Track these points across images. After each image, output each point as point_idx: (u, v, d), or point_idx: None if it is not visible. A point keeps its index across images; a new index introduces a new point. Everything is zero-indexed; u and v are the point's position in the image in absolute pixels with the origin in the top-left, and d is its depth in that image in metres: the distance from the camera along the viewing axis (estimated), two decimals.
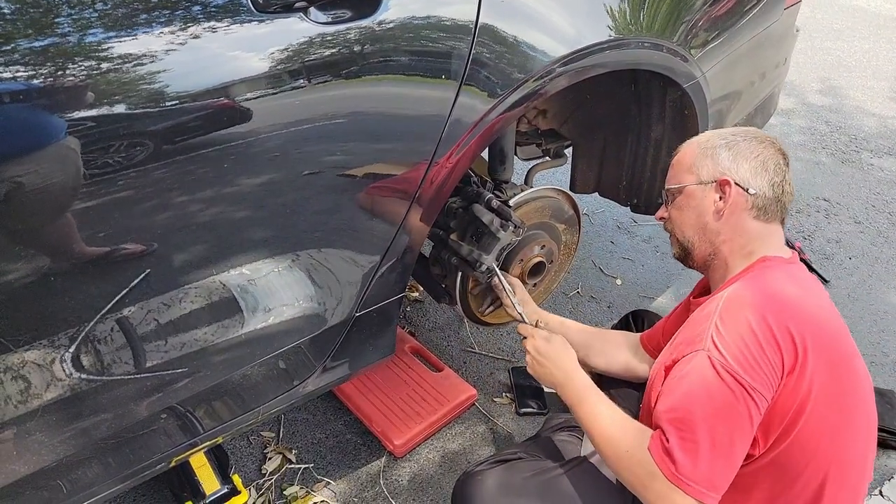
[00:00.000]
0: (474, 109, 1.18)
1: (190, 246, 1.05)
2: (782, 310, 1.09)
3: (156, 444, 1.19)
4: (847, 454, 1.15)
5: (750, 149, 1.24)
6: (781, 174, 1.23)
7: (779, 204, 1.24)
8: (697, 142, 1.30)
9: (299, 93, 1.02)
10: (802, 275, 1.22)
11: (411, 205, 1.20)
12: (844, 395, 1.13)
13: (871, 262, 2.72)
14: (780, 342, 1.06)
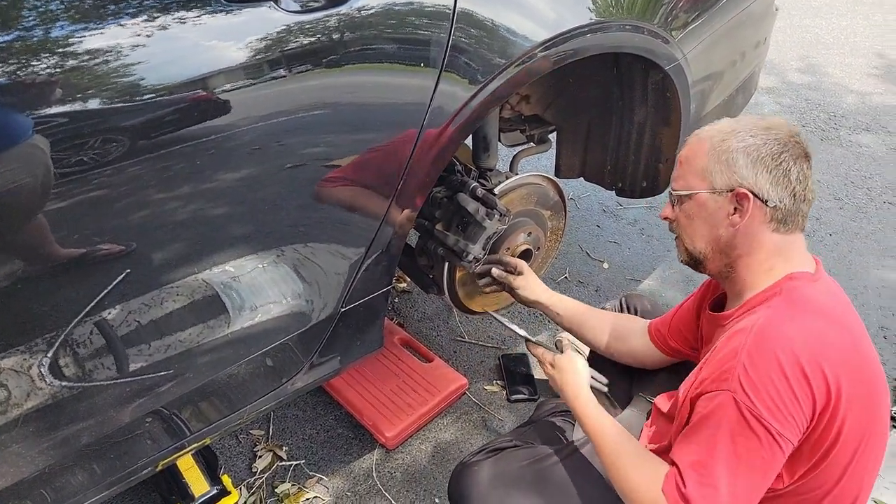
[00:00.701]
0: (455, 97, 1.16)
1: (170, 244, 1.02)
2: (816, 349, 1.00)
3: (141, 449, 1.17)
4: (866, 473, 1.12)
5: (771, 154, 1.08)
6: (805, 181, 1.09)
7: (801, 213, 1.11)
8: (710, 139, 1.13)
9: (277, 83, 1.00)
10: (829, 291, 1.11)
11: (394, 196, 1.18)
12: (872, 423, 1.07)
13: (851, 238, 2.75)
14: (813, 386, 0.98)
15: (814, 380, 0.98)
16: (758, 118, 1.13)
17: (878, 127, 3.65)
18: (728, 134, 1.11)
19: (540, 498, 1.36)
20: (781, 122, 1.12)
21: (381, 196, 1.19)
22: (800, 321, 1.03)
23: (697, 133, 1.17)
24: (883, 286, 2.48)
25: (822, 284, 1.11)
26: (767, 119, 1.13)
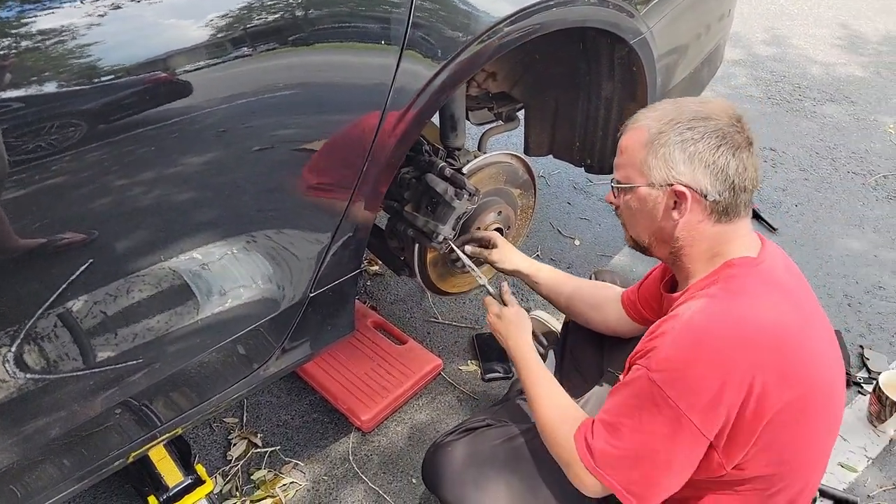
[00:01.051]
0: (418, 75, 1.14)
1: (134, 232, 1.00)
2: (741, 341, 1.01)
3: (111, 441, 1.15)
4: (813, 458, 1.15)
5: (709, 148, 1.06)
6: (744, 172, 1.08)
7: (742, 202, 1.11)
8: (648, 129, 1.11)
9: (240, 63, 0.97)
10: (771, 273, 1.11)
11: (359, 178, 1.16)
12: (814, 404, 1.08)
13: (816, 208, 2.80)
14: (734, 377, 1.00)
15: (735, 371, 1.00)
16: (699, 103, 1.11)
17: (842, 97, 3.70)
18: (666, 125, 1.09)
19: (514, 475, 1.37)
20: (722, 109, 1.10)
21: (346, 178, 1.17)
22: (730, 312, 1.04)
23: (637, 119, 1.15)
24: (847, 255, 2.53)
25: (765, 267, 1.10)
26: (709, 105, 1.11)
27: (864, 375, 2.00)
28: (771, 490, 1.12)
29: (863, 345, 2.11)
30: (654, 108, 1.14)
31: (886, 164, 3.10)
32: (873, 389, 1.83)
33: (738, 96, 3.67)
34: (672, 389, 1.01)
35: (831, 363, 1.13)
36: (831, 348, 1.14)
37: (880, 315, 2.25)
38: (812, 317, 1.12)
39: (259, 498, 1.61)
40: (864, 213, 2.78)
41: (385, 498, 1.64)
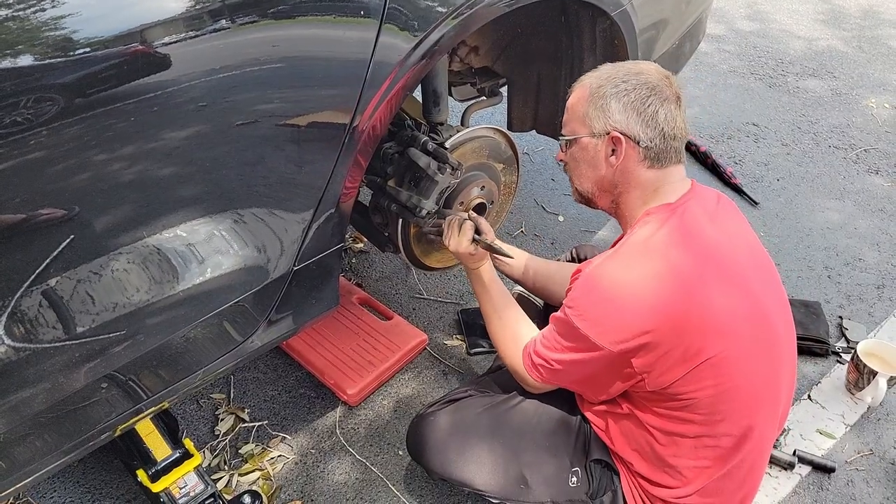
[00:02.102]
0: (397, 48, 1.13)
1: (114, 207, 0.99)
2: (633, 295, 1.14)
3: (97, 414, 1.16)
4: (752, 398, 1.21)
5: (640, 98, 1.20)
6: (673, 121, 1.21)
7: (672, 149, 1.23)
8: (589, 86, 1.25)
9: (220, 36, 0.96)
10: (682, 223, 1.19)
11: (341, 152, 1.16)
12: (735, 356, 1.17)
13: (797, 182, 2.83)
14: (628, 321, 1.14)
15: (630, 307, 1.13)
16: (634, 63, 1.27)
17: (823, 72, 3.72)
18: (605, 80, 1.23)
19: (496, 441, 1.40)
20: (654, 68, 1.25)
21: (328, 153, 1.17)
22: (624, 257, 1.19)
23: (582, 79, 1.29)
24: (827, 228, 2.57)
25: (680, 213, 1.20)
26: (642, 64, 1.26)
27: (843, 345, 2.04)
28: (713, 419, 1.19)
29: (842, 315, 2.15)
30: (596, 69, 1.28)
31: (867, 139, 3.13)
32: (851, 358, 1.87)
33: (720, 72, 3.68)
34: (580, 321, 1.18)
35: (753, 301, 1.20)
36: (754, 298, 1.21)
37: (859, 286, 2.29)
38: (729, 265, 1.19)
39: (247, 471, 1.63)
40: (845, 186, 2.81)
41: (372, 469, 1.67)
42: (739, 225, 1.30)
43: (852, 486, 1.66)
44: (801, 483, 1.66)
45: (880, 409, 1.85)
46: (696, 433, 1.21)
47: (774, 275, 1.31)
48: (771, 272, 1.31)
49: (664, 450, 1.25)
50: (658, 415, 1.23)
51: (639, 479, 1.31)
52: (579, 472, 1.36)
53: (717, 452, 1.22)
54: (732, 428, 1.21)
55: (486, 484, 1.38)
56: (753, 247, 1.29)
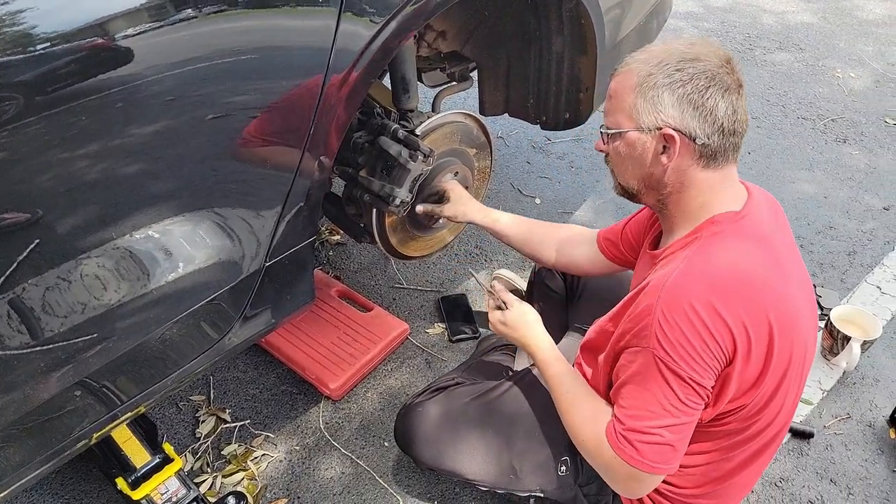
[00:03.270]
0: (358, 35, 1.11)
1: (80, 207, 0.96)
2: (729, 296, 1.02)
3: (71, 423, 1.13)
4: (790, 391, 1.17)
5: (697, 90, 1.04)
6: (734, 114, 1.06)
7: (731, 146, 1.09)
8: (637, 73, 1.08)
9: (182, 27, 0.93)
10: (752, 231, 1.09)
11: (306, 144, 1.14)
12: (796, 350, 1.10)
13: (768, 155, 2.85)
14: (725, 334, 1.01)
15: (726, 329, 1.01)
16: (688, 44, 1.08)
17: (791, 44, 3.75)
18: (655, 67, 1.07)
19: (487, 430, 1.40)
20: (712, 50, 1.07)
21: (293, 145, 1.14)
22: (716, 268, 1.04)
23: (627, 62, 1.12)
24: (798, 198, 2.59)
25: (748, 221, 1.09)
26: (698, 45, 1.08)
27: (818, 313, 2.07)
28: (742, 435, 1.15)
29: (815, 284, 2.18)
30: (643, 50, 1.12)
31: (834, 108, 3.17)
32: (825, 325, 1.89)
33: None
34: (681, 360, 1.02)
35: (808, 320, 1.14)
36: (808, 304, 1.15)
37: (831, 254, 2.32)
38: (791, 272, 1.11)
39: (231, 472, 1.61)
40: (814, 156, 2.84)
41: (358, 462, 1.66)
42: (787, 226, 1.22)
43: (831, 451, 1.69)
44: (781, 450, 1.69)
45: (855, 374, 1.88)
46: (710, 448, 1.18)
47: (806, 272, 1.24)
48: (805, 272, 1.22)
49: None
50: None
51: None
52: (568, 461, 1.36)
53: (724, 467, 1.21)
54: (749, 443, 1.18)
55: (477, 473, 1.38)
56: (796, 250, 1.22)
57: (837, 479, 1.63)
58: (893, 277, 2.22)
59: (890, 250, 2.34)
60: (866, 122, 3.06)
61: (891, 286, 2.18)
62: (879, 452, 1.69)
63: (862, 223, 2.47)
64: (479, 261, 2.28)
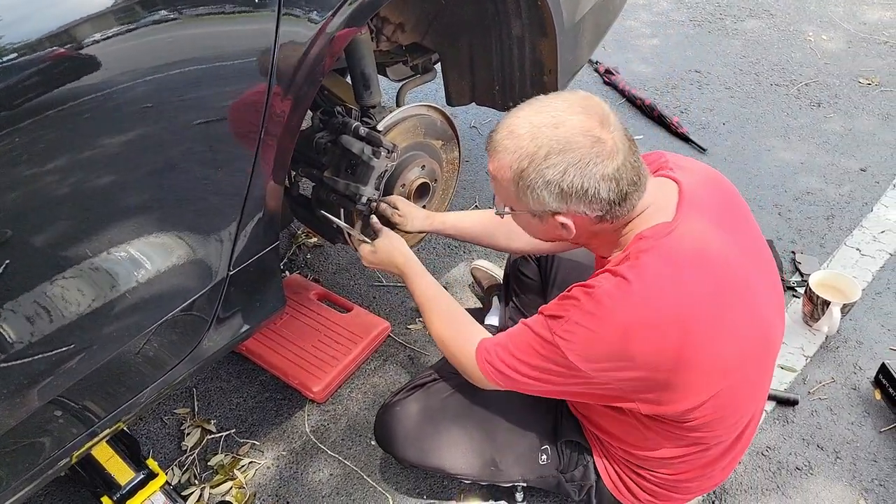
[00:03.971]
0: (300, 35, 1.09)
1: (42, 222, 0.95)
2: (647, 322, 1.03)
3: (48, 443, 1.12)
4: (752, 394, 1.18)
5: (573, 183, 1.01)
6: (618, 186, 1.02)
7: (632, 198, 1.05)
8: (510, 167, 1.04)
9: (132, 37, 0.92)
10: (683, 245, 1.05)
11: (258, 149, 1.12)
12: (745, 353, 1.11)
13: (742, 124, 2.84)
14: (634, 357, 1.04)
15: (632, 354, 1.04)
16: (554, 126, 1.01)
17: (761, 11, 3.74)
18: (525, 161, 1.02)
19: (467, 424, 1.39)
20: (580, 126, 1.00)
21: (244, 151, 1.13)
22: (634, 299, 1.03)
23: (495, 147, 1.07)
24: (775, 165, 2.59)
25: (678, 234, 1.06)
26: (565, 125, 1.00)
27: (797, 279, 2.07)
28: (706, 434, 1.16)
29: (794, 250, 2.18)
30: (509, 133, 1.05)
31: (807, 72, 3.16)
32: (805, 291, 1.89)
33: (661, 22, 3.67)
34: (573, 355, 1.06)
35: (766, 309, 1.13)
36: (766, 290, 1.14)
37: (810, 219, 2.32)
38: (736, 274, 1.09)
39: (218, 482, 1.61)
40: (789, 122, 2.84)
41: (346, 463, 1.65)
42: (738, 209, 1.20)
43: (817, 416, 1.69)
44: (766, 419, 1.69)
45: (837, 338, 1.88)
46: (687, 443, 1.19)
47: (770, 260, 1.23)
48: (767, 259, 1.22)
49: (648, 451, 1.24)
50: (648, 423, 1.19)
51: (615, 450, 1.32)
52: (549, 449, 1.37)
53: (707, 455, 1.22)
54: (725, 434, 1.20)
55: (459, 468, 1.38)
56: (755, 237, 1.20)
57: (824, 444, 1.63)
58: (872, 238, 2.22)
59: (868, 211, 2.34)
60: (840, 85, 3.06)
61: (870, 247, 2.18)
62: (865, 414, 1.69)
63: (839, 186, 2.47)
64: (458, 252, 2.27)
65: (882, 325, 1.91)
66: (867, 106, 2.91)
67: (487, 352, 1.21)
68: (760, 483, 1.56)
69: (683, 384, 1.06)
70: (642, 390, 1.08)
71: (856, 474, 1.56)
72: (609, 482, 1.34)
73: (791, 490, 1.54)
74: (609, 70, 3.16)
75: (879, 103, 2.91)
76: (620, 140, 1.03)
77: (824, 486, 1.55)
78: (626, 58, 3.36)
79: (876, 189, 2.43)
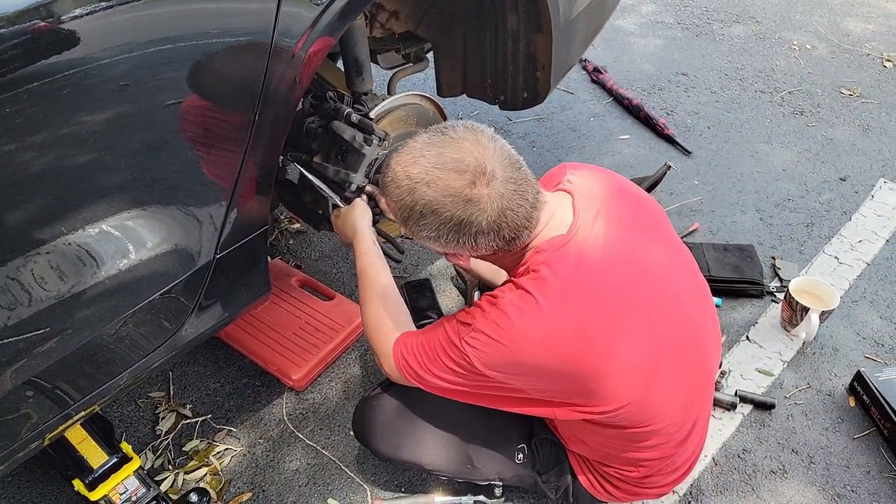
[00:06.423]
0: (300, 18, 1.07)
1: (24, 200, 0.92)
2: (549, 331, 1.05)
3: (21, 424, 1.09)
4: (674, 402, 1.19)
5: (451, 240, 1.05)
6: (504, 233, 1.05)
7: (520, 237, 1.08)
8: (394, 211, 1.09)
9: (122, 11, 0.89)
10: (578, 257, 1.07)
11: (252, 131, 1.10)
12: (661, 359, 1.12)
13: (727, 129, 2.87)
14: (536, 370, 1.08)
15: (534, 365, 1.07)
16: (427, 183, 1.02)
17: (747, 17, 3.77)
18: (406, 210, 1.05)
19: (444, 421, 1.39)
20: (450, 186, 1.01)
21: (238, 133, 1.10)
22: (535, 312, 1.05)
23: (382, 187, 1.11)
24: (757, 171, 2.62)
25: (573, 245, 1.08)
26: (438, 183, 1.01)
27: (777, 284, 2.10)
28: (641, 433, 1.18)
29: (774, 255, 2.21)
30: (392, 179, 1.06)
31: (791, 81, 3.20)
32: (784, 296, 1.92)
33: (648, 24, 3.68)
34: (479, 362, 1.09)
35: (684, 320, 1.15)
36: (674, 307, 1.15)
37: (790, 226, 2.35)
38: (646, 277, 1.12)
39: (192, 468, 1.58)
40: (772, 129, 2.87)
41: (323, 453, 1.64)
42: (648, 213, 1.22)
43: (792, 420, 1.72)
44: (743, 422, 1.71)
45: (815, 344, 1.92)
46: (636, 442, 1.20)
47: (688, 259, 1.24)
48: (685, 259, 1.24)
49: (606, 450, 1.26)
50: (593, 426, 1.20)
51: (581, 450, 1.33)
52: (525, 448, 1.37)
53: (660, 451, 1.23)
54: (670, 435, 1.21)
55: (435, 464, 1.37)
56: (668, 238, 1.22)
57: (799, 449, 1.66)
58: (851, 247, 2.26)
59: (847, 220, 2.38)
60: (822, 94, 3.10)
61: (848, 256, 2.22)
62: (840, 421, 1.72)
63: (819, 194, 2.50)
64: None
65: (857, 333, 1.95)
66: (848, 116, 2.95)
67: (405, 346, 1.21)
68: (735, 485, 1.58)
69: (592, 390, 1.09)
70: (551, 395, 1.12)
71: (829, 479, 1.59)
72: (585, 480, 1.35)
73: (765, 493, 1.56)
74: (597, 68, 3.16)
75: (860, 114, 2.96)
76: (498, 192, 1.02)
77: (798, 490, 1.57)
78: (613, 57, 3.37)
79: (855, 199, 2.47)
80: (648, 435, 1.18)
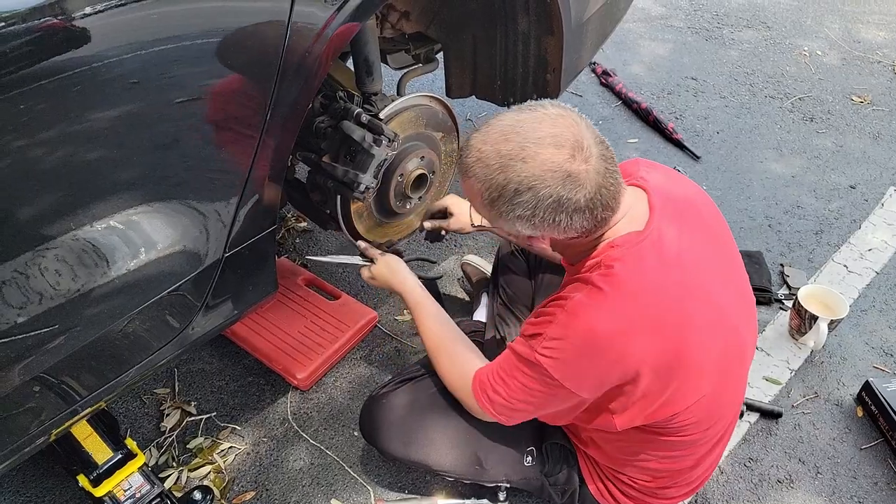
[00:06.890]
0: (315, 17, 1.06)
1: (35, 196, 0.91)
2: (618, 335, 1.02)
3: (29, 419, 1.09)
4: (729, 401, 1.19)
5: (546, 220, 1.00)
6: (596, 213, 1.01)
7: (606, 221, 1.05)
8: (481, 194, 1.03)
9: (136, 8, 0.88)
10: (653, 253, 1.05)
11: (263, 130, 1.09)
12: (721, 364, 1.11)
13: (736, 134, 2.86)
14: (611, 366, 1.05)
15: (613, 361, 1.04)
16: (523, 160, 0.97)
17: (758, 23, 3.76)
18: (495, 192, 1.00)
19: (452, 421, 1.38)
20: (550, 161, 0.96)
21: (249, 131, 1.10)
22: (608, 305, 1.02)
23: (466, 170, 1.04)
24: (766, 177, 2.61)
25: (648, 243, 1.05)
26: (535, 160, 0.96)
27: (785, 292, 2.09)
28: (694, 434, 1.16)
29: (783, 263, 2.20)
30: (478, 159, 1.01)
31: (801, 87, 3.18)
32: (793, 304, 1.91)
33: (658, 27, 3.67)
34: (557, 372, 1.07)
35: (729, 329, 1.12)
36: (737, 304, 1.14)
37: (799, 233, 2.34)
38: (699, 284, 1.09)
39: (196, 466, 1.58)
40: (782, 135, 2.86)
41: (327, 453, 1.63)
42: (713, 217, 1.20)
43: (799, 430, 1.71)
44: (749, 430, 1.70)
45: (823, 353, 1.90)
46: (666, 450, 1.20)
47: (741, 271, 1.22)
48: (739, 270, 1.22)
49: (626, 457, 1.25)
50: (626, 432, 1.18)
51: (595, 456, 1.32)
52: (534, 451, 1.36)
53: (684, 462, 1.23)
54: (704, 442, 1.21)
55: (442, 464, 1.37)
56: (728, 245, 1.20)
57: (806, 459, 1.65)
58: (860, 256, 2.24)
59: (856, 229, 2.36)
60: (833, 101, 3.09)
61: (857, 265, 2.21)
62: (847, 431, 1.71)
63: (829, 202, 2.49)
64: (449, 245, 2.25)
65: (866, 343, 1.93)
66: (859, 124, 2.94)
67: (482, 383, 1.21)
68: (742, 494, 1.57)
69: (667, 389, 1.06)
70: (627, 398, 1.09)
71: (835, 490, 1.58)
72: (593, 487, 1.34)
73: (772, 502, 1.55)
74: (606, 71, 3.16)
75: (871, 122, 2.94)
76: (595, 168, 0.99)
77: (804, 501, 1.56)
78: (623, 60, 3.36)
79: (864, 207, 2.46)
80: (685, 444, 1.17)
